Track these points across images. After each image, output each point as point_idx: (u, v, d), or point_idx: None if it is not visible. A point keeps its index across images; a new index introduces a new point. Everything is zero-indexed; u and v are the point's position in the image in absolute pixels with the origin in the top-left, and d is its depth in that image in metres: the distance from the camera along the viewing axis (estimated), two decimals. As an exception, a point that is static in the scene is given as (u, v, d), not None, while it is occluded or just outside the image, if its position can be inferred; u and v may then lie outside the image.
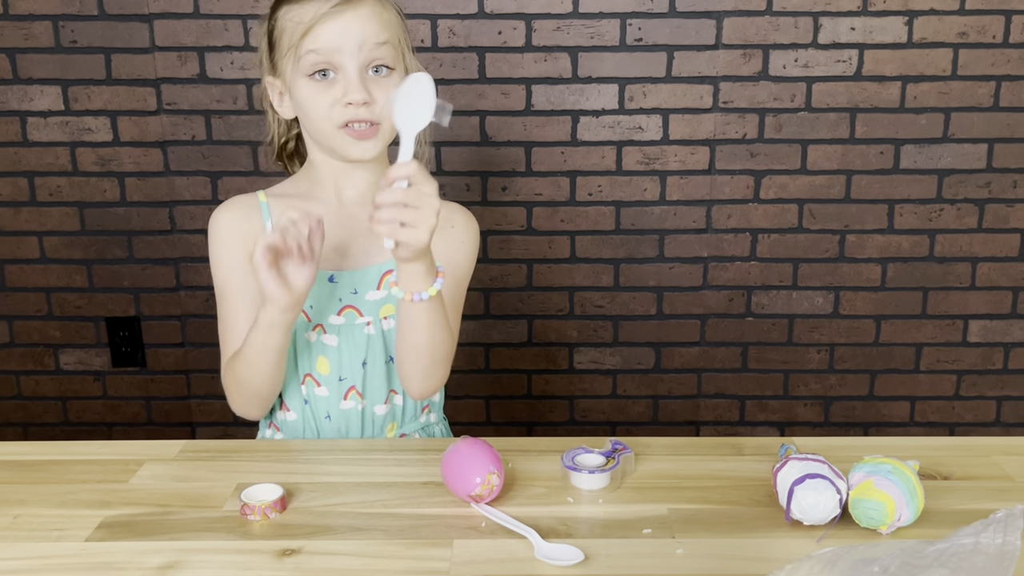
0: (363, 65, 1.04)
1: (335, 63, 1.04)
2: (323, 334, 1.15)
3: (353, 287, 1.14)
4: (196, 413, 2.25)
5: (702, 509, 0.91)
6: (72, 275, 2.16)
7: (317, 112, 1.06)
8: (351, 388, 1.16)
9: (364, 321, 1.15)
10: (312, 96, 1.06)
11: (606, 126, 2.06)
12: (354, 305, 1.14)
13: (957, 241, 2.13)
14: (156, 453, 1.04)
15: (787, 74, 2.03)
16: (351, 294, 1.14)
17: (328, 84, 1.05)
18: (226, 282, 1.13)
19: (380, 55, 1.05)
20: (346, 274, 1.14)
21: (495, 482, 0.90)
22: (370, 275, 1.14)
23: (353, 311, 1.14)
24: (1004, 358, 2.21)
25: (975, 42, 2.01)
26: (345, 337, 1.15)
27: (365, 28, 1.04)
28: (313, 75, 1.05)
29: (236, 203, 1.16)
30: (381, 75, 1.06)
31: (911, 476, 0.84)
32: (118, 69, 2.03)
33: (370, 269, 1.14)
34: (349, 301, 1.14)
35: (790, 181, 2.09)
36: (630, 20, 2.00)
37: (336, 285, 1.14)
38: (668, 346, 2.20)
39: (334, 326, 1.15)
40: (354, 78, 1.04)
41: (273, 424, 1.21)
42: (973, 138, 2.06)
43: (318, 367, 1.16)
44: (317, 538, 0.86)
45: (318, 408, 1.17)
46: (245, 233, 1.12)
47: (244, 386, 1.10)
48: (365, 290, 1.14)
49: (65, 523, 0.89)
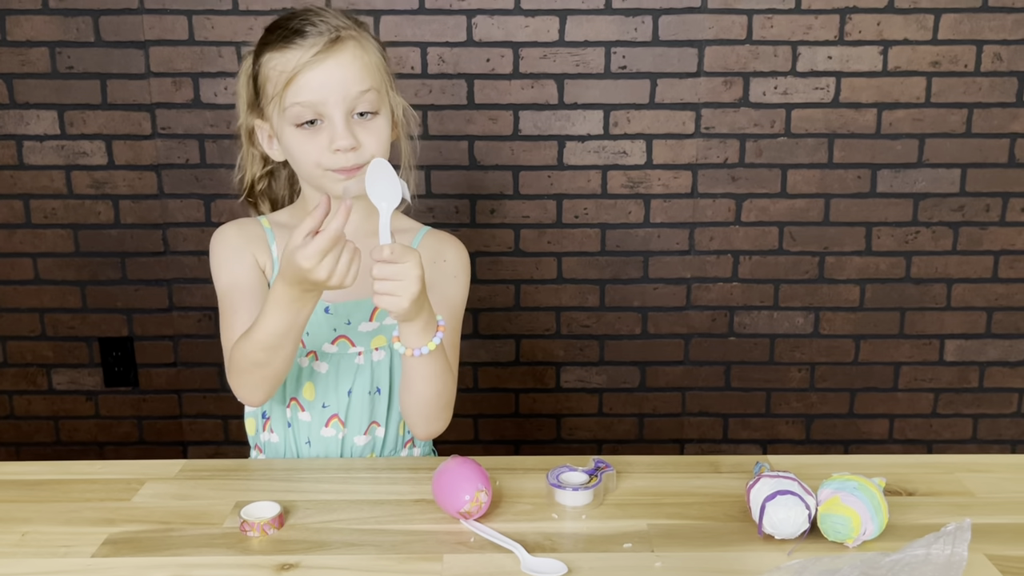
0: (348, 112, 1.06)
1: (321, 113, 1.06)
2: (315, 360, 1.18)
3: (347, 318, 1.17)
4: (188, 432, 2.28)
5: (680, 524, 0.95)
6: (66, 296, 2.19)
7: (307, 159, 1.08)
8: (333, 416, 1.19)
9: (356, 351, 1.18)
10: (300, 144, 1.08)
11: (591, 151, 2.12)
12: (347, 335, 1.18)
13: (933, 263, 2.19)
14: (157, 472, 1.08)
15: (767, 101, 2.09)
16: (345, 324, 1.17)
17: (315, 131, 1.07)
18: (232, 285, 1.14)
19: (364, 101, 1.07)
20: (341, 305, 1.17)
21: (483, 499, 0.94)
22: (363, 307, 1.17)
23: (346, 341, 1.18)
24: (979, 377, 2.27)
25: (948, 71, 2.07)
26: (335, 365, 1.18)
27: (347, 76, 1.06)
28: (300, 125, 1.07)
29: (240, 223, 1.20)
30: (366, 119, 1.08)
31: (876, 492, 0.89)
32: (113, 94, 2.08)
33: (364, 302, 1.16)
34: (343, 331, 1.17)
35: (770, 204, 2.15)
36: (614, 48, 2.06)
37: (331, 316, 1.17)
38: (653, 365, 2.25)
39: (327, 354, 1.18)
40: (340, 126, 1.05)
41: (257, 446, 1.24)
42: (947, 163, 2.13)
43: (304, 392, 1.18)
44: (313, 553, 0.90)
45: (300, 433, 1.20)
46: (251, 246, 1.16)
47: (265, 370, 1.07)
48: (358, 321, 1.17)
49: (71, 540, 0.93)
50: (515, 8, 2.03)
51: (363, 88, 1.07)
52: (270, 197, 1.27)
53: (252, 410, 1.23)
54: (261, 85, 1.11)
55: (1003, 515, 0.97)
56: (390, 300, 0.95)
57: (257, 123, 1.15)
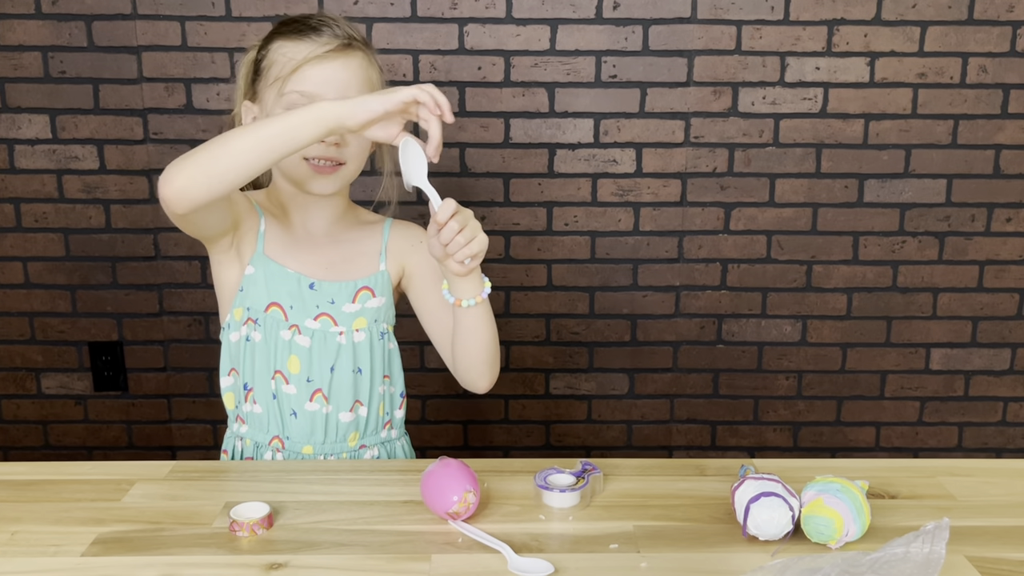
0: None
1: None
2: (297, 334, 1.21)
3: (331, 297, 1.22)
4: (177, 437, 2.28)
5: (666, 526, 0.97)
6: (56, 300, 2.19)
7: None
8: (317, 391, 1.22)
9: (338, 330, 1.22)
10: None
11: (582, 159, 2.13)
12: (330, 314, 1.22)
13: (919, 272, 2.21)
14: (147, 473, 1.09)
15: (755, 111, 2.11)
16: (328, 303, 1.22)
17: None
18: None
19: None
20: (326, 284, 1.22)
21: (472, 500, 0.95)
22: (347, 289, 1.23)
23: (328, 319, 1.22)
24: (965, 385, 2.29)
25: (934, 82, 2.10)
26: (318, 341, 1.21)
27: (350, 81, 1.12)
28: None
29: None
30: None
31: (858, 495, 0.90)
32: (106, 99, 2.08)
33: (347, 284, 1.23)
34: (326, 309, 1.22)
35: (759, 213, 2.17)
36: (605, 58, 2.08)
37: (316, 292, 1.21)
38: (641, 372, 2.26)
39: (309, 329, 1.21)
40: None
41: (240, 418, 1.26)
42: (933, 174, 2.15)
43: (289, 365, 1.22)
44: (302, 553, 0.91)
45: (284, 405, 1.23)
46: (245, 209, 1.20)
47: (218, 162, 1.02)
48: (342, 302, 1.22)
49: (61, 539, 0.93)
50: (507, 17, 2.05)
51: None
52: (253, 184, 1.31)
53: (231, 383, 1.25)
54: (264, 68, 1.15)
55: (984, 518, 0.98)
56: (472, 246, 1.02)
57: (246, 104, 1.20)
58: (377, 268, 1.25)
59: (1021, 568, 0.88)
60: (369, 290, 1.24)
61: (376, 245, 1.27)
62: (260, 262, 1.21)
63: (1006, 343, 2.25)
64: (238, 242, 1.20)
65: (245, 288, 1.21)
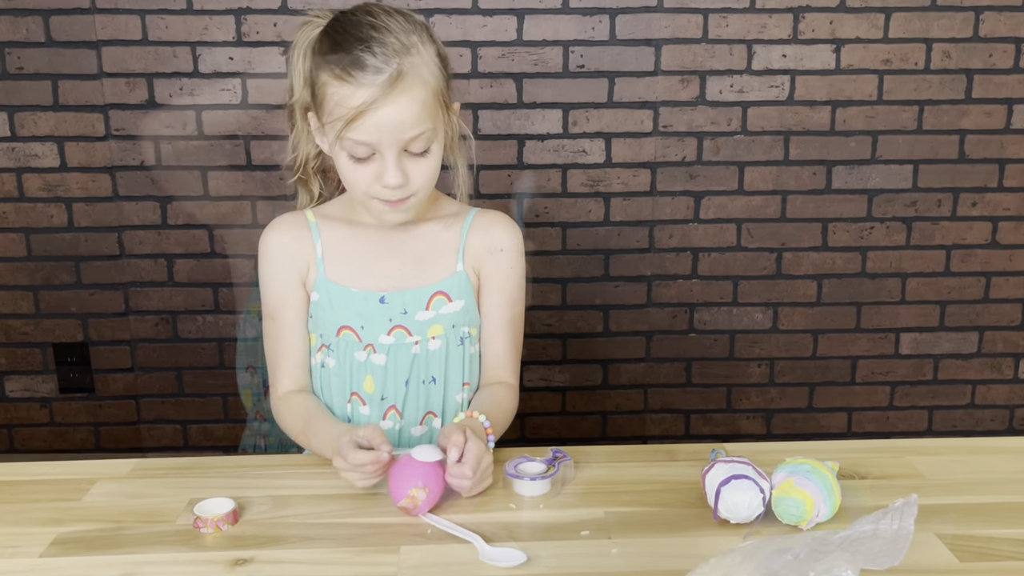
0: (400, 150, 1.05)
1: (374, 149, 1.05)
2: (373, 353, 1.16)
3: (403, 307, 1.16)
4: (146, 438, 2.24)
5: (637, 511, 0.96)
6: (18, 301, 2.15)
7: (356, 187, 1.08)
8: (391, 407, 1.18)
9: (412, 341, 1.17)
10: (351, 171, 1.07)
11: (551, 150, 2.12)
12: (403, 325, 1.16)
13: (887, 258, 2.23)
14: (108, 472, 1.06)
15: (723, 99, 2.11)
16: (401, 314, 1.16)
17: (367, 161, 1.06)
18: (277, 305, 1.17)
19: (417, 142, 1.05)
20: (396, 295, 1.15)
21: (421, 497, 0.93)
22: (420, 296, 1.16)
23: (403, 331, 1.16)
24: (934, 369, 2.31)
25: (898, 68, 2.11)
26: (393, 356, 1.16)
27: (404, 120, 1.03)
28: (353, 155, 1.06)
29: (285, 223, 1.19)
30: (417, 153, 1.07)
31: (828, 475, 0.90)
32: (65, 95, 2.04)
33: (421, 291, 1.16)
34: (399, 321, 1.16)
35: (728, 202, 2.17)
36: (572, 47, 2.07)
37: (387, 306, 1.15)
38: (615, 363, 2.26)
39: (384, 345, 1.16)
40: (391, 164, 1.04)
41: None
42: (899, 159, 2.17)
43: (365, 386, 1.17)
44: (268, 548, 0.89)
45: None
46: (295, 255, 1.16)
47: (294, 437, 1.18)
48: (415, 311, 1.16)
49: (18, 540, 0.91)
50: (472, 7, 2.03)
51: (418, 131, 1.04)
52: (323, 170, 1.22)
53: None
54: (318, 99, 1.07)
55: (953, 495, 0.99)
56: (481, 486, 1.00)
57: (312, 117, 1.11)
58: (454, 269, 1.17)
59: (989, 544, 0.88)
60: (444, 295, 1.16)
61: (454, 242, 1.18)
62: (323, 287, 1.16)
63: (974, 326, 2.27)
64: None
65: (315, 315, 1.17)
